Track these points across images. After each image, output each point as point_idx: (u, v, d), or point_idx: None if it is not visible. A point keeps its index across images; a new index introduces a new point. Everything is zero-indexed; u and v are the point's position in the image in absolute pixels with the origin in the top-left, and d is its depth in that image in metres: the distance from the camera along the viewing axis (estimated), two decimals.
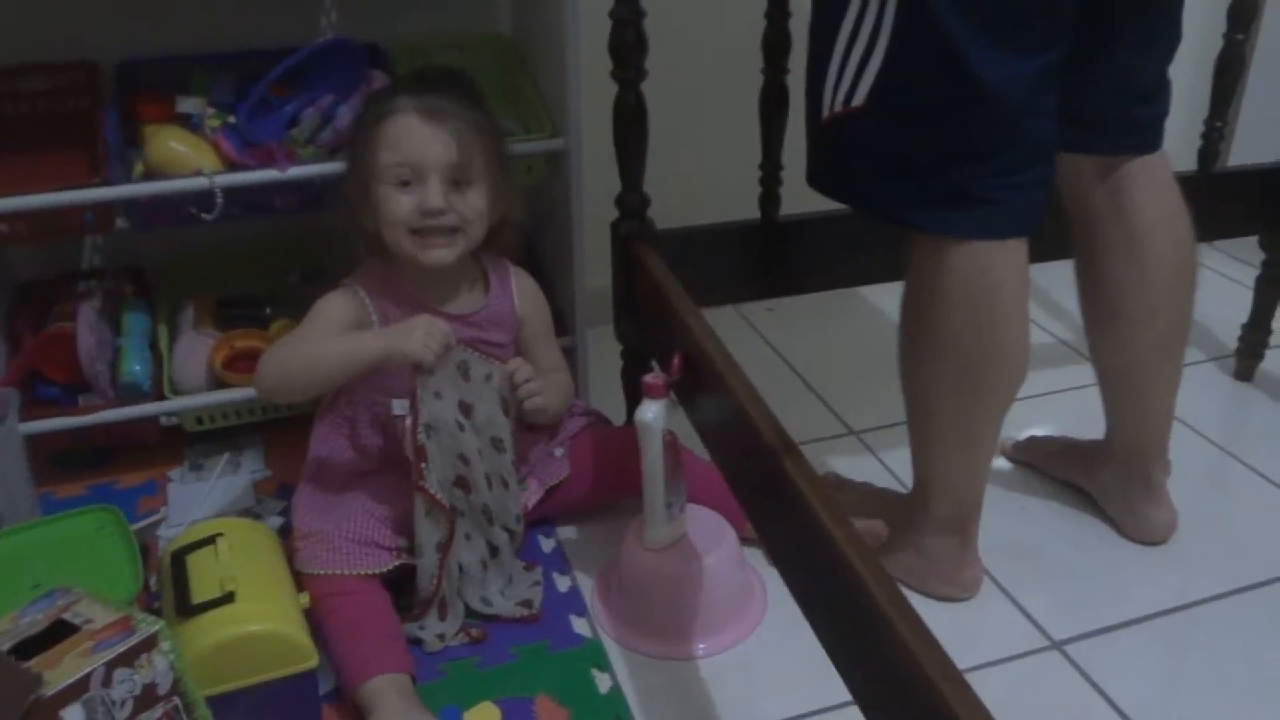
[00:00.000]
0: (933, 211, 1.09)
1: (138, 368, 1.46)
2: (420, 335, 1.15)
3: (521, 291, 1.35)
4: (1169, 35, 1.20)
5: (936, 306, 1.13)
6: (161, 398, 1.47)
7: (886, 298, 1.94)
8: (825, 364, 1.81)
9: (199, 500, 1.48)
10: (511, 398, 1.26)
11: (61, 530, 1.21)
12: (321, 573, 1.20)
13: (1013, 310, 1.13)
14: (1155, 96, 1.23)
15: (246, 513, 1.45)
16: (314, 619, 1.15)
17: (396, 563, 1.23)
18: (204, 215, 1.36)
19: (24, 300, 1.56)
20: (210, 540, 1.15)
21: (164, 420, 1.56)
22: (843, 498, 1.39)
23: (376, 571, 1.21)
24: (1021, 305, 1.14)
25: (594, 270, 1.49)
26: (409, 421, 1.16)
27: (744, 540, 1.31)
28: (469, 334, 1.27)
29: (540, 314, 1.37)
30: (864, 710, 0.85)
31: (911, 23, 1.01)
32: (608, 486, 1.37)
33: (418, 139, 1.18)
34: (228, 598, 1.06)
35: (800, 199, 1.46)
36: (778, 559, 1.03)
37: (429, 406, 1.18)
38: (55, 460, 1.54)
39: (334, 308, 1.26)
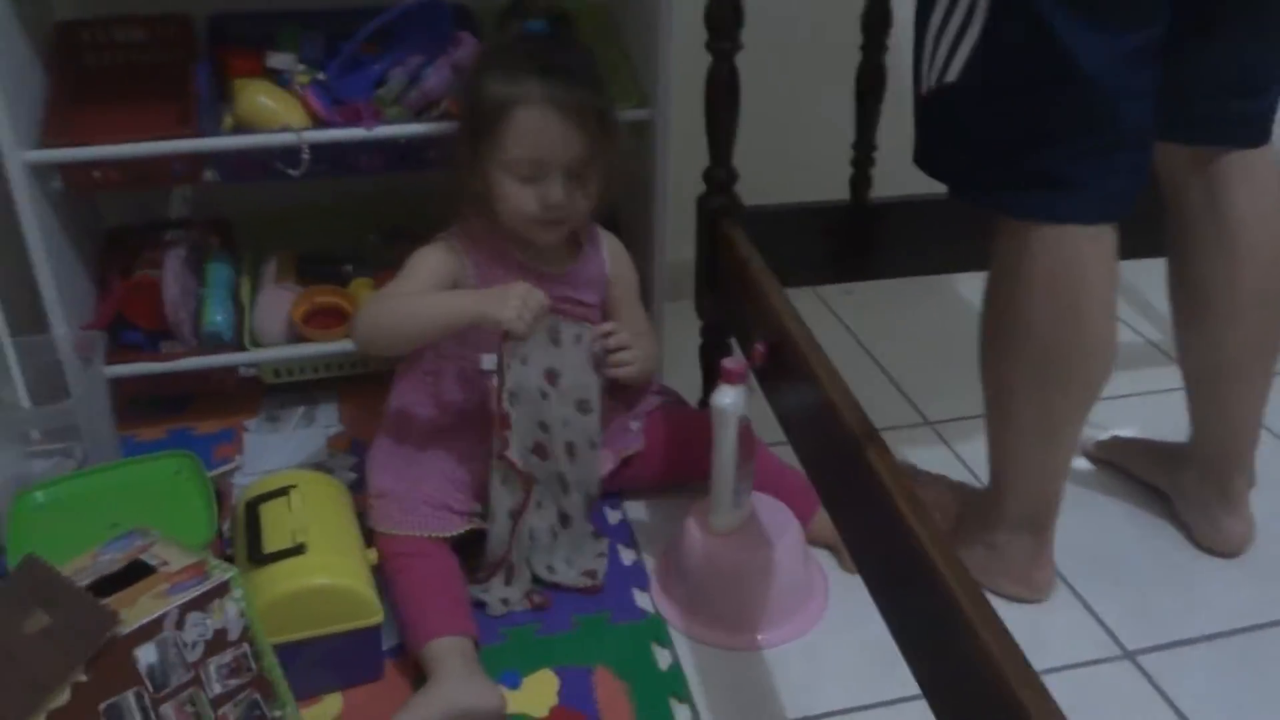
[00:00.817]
0: (1018, 193, 1.06)
1: (220, 318, 1.48)
2: (516, 304, 1.14)
3: (612, 254, 1.35)
4: None
5: (1018, 294, 1.09)
6: (241, 348, 1.49)
7: (968, 286, 1.90)
8: (903, 351, 1.78)
9: (273, 451, 1.50)
10: (602, 356, 1.26)
11: (141, 473, 1.23)
12: (393, 532, 1.20)
13: (1099, 302, 1.09)
14: (1262, 90, 1.17)
15: (319, 466, 1.46)
16: (383, 576, 1.16)
17: (468, 527, 1.24)
18: (290, 171, 1.37)
19: (113, 246, 1.58)
20: (284, 491, 1.17)
21: (243, 371, 1.58)
22: (918, 488, 1.36)
23: (448, 535, 1.22)
24: (1108, 297, 1.10)
25: (676, 244, 1.48)
26: (495, 384, 1.16)
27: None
28: (562, 291, 1.27)
29: (629, 276, 1.38)
30: (932, 706, 0.83)
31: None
32: (677, 467, 1.36)
33: (548, 138, 1.17)
34: (298, 549, 1.08)
35: (891, 182, 1.43)
36: (854, 549, 1.01)
37: (515, 372, 1.18)
38: (137, 404, 1.57)
39: (431, 262, 1.26)
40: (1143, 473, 1.45)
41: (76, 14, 1.50)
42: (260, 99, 1.37)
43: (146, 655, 0.84)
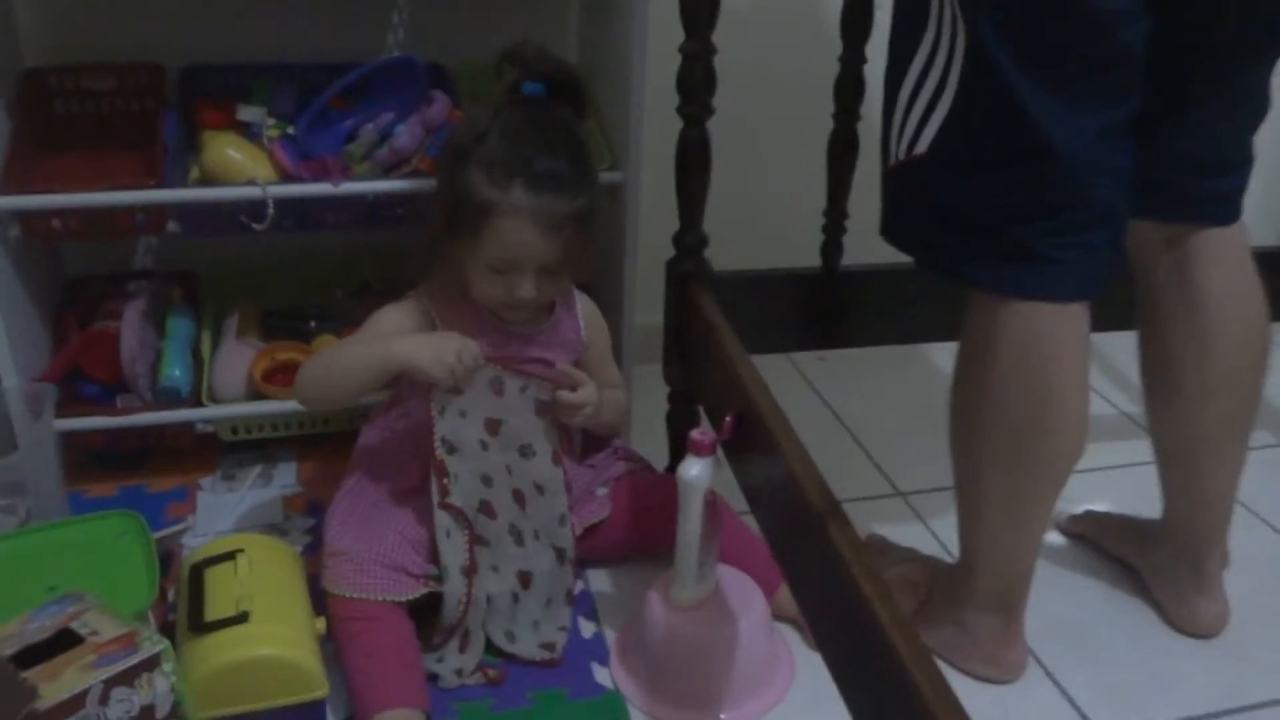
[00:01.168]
0: (990, 268, 1.05)
1: (178, 372, 1.45)
2: (449, 358, 1.12)
3: (587, 317, 1.33)
4: (1253, 104, 1.13)
5: (988, 371, 1.07)
6: (199, 404, 1.45)
7: (942, 356, 1.88)
8: (876, 420, 1.75)
9: (228, 511, 1.46)
10: (551, 404, 1.21)
11: (83, 533, 1.19)
12: (346, 594, 1.16)
13: (1069, 382, 1.07)
14: (1233, 168, 1.16)
15: (273, 528, 1.42)
16: (333, 641, 1.13)
17: (424, 590, 1.19)
18: (255, 225, 1.35)
19: (73, 297, 1.55)
20: (231, 555, 1.13)
21: (200, 427, 1.55)
22: (886, 563, 1.34)
23: (402, 599, 1.18)
24: (1080, 377, 1.09)
25: (645, 306, 1.46)
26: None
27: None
28: (534, 352, 1.25)
29: (603, 338, 1.36)
30: None
31: (976, 72, 0.98)
32: (644, 535, 1.33)
33: (526, 246, 1.15)
34: (241, 617, 1.04)
35: (863, 249, 1.42)
36: (815, 626, 0.98)
37: (449, 424, 1.17)
38: (90, 459, 1.53)
39: (393, 318, 1.24)
40: (1115, 549, 1.43)
41: (47, 60, 1.48)
42: (228, 151, 1.35)
43: None
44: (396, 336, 1.20)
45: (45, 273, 1.52)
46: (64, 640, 0.88)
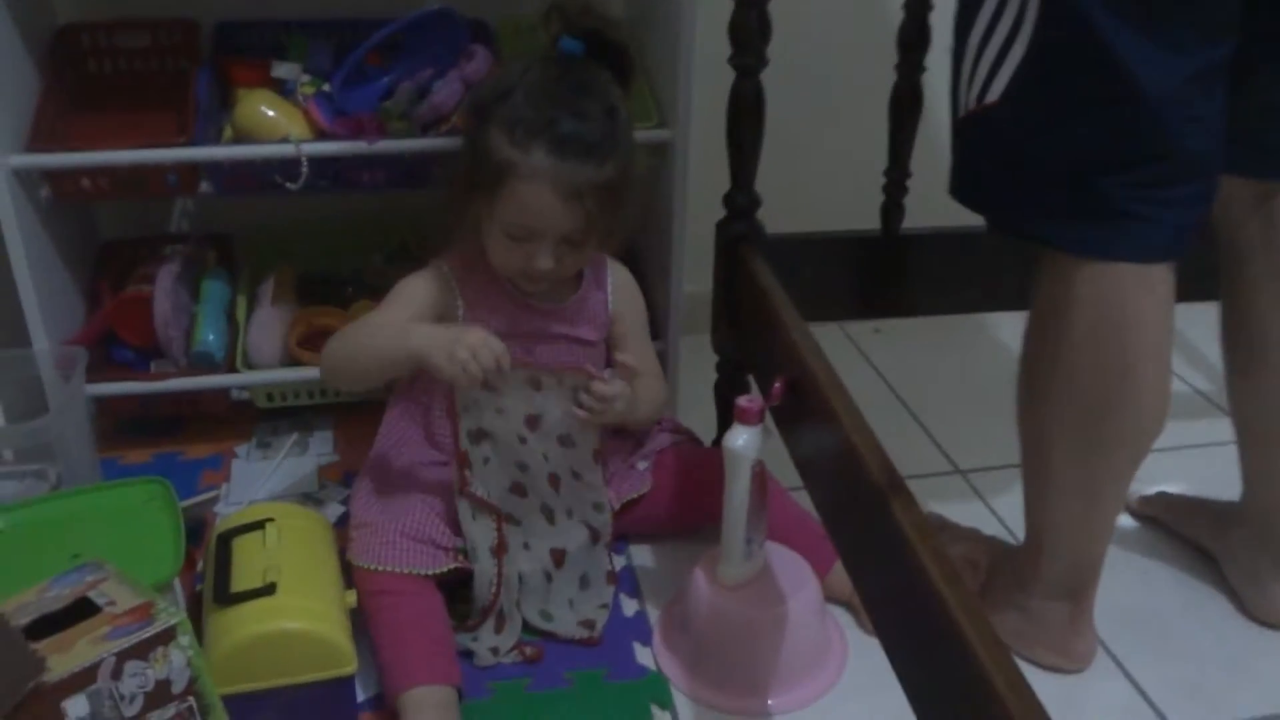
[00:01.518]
0: (1067, 225, 0.96)
1: (211, 337, 1.41)
2: (463, 354, 1.04)
3: (617, 286, 1.26)
4: None
5: (1061, 339, 0.99)
6: (234, 370, 1.41)
7: (1007, 326, 1.80)
8: (934, 395, 1.67)
9: (262, 479, 1.42)
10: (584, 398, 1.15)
11: (111, 499, 1.16)
12: (372, 568, 1.11)
13: (1150, 351, 0.99)
14: None
15: (308, 497, 1.39)
16: (360, 616, 1.08)
17: (452, 565, 1.14)
18: (289, 184, 1.30)
19: (108, 260, 1.52)
20: (260, 525, 1.09)
21: (235, 394, 1.51)
22: (945, 541, 1.26)
23: (431, 572, 1.13)
24: (1161, 347, 1.00)
25: (694, 275, 1.39)
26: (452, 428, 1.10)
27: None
28: (559, 328, 1.20)
29: (635, 310, 1.28)
30: None
31: (1054, 9, 0.89)
32: (689, 510, 1.26)
33: (545, 212, 1.08)
34: (269, 589, 1.00)
35: (926, 212, 1.34)
36: (872, 608, 0.91)
37: (484, 417, 1.11)
38: (125, 426, 1.50)
39: (416, 289, 1.18)
40: (1190, 532, 1.34)
41: (80, 17, 1.44)
42: (261, 109, 1.31)
43: (76, 708, 0.75)
44: (414, 327, 1.12)
45: (78, 235, 1.49)
46: (80, 610, 0.84)
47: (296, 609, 1.00)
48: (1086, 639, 1.16)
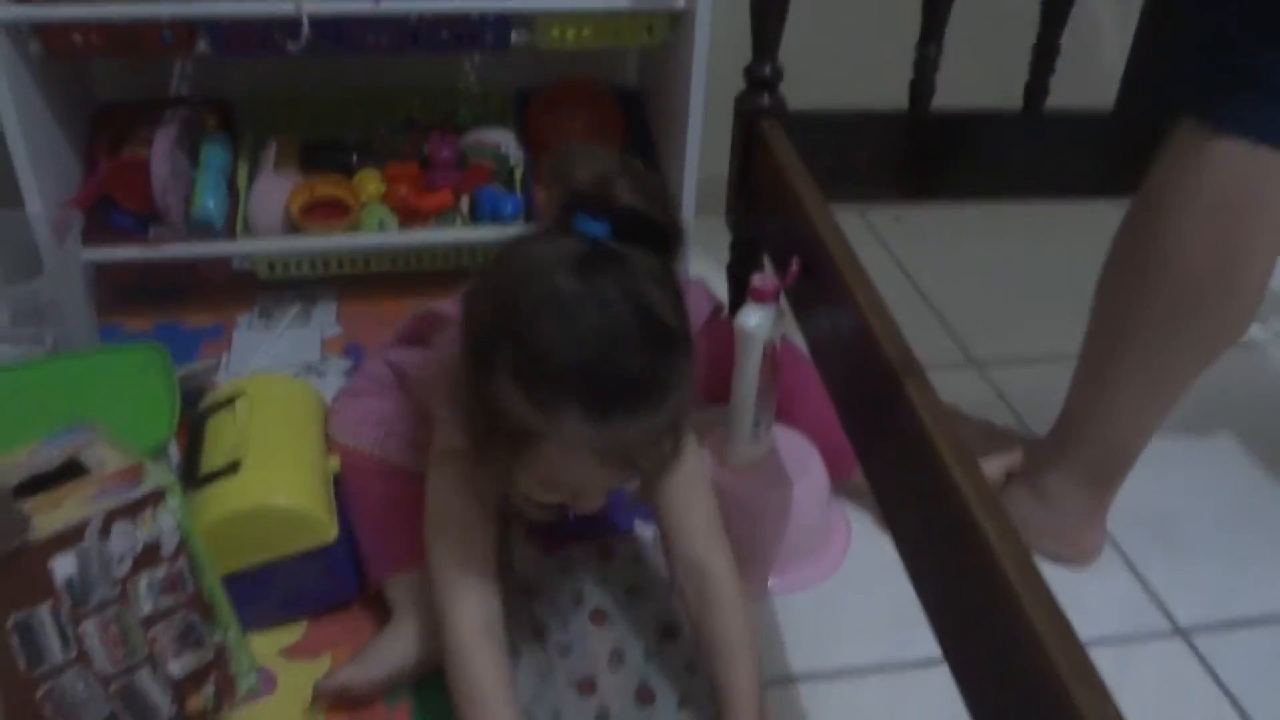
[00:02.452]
0: (1209, 91, 0.90)
1: (211, 204, 1.37)
2: None
3: None
4: None
5: (1171, 215, 0.93)
6: (233, 238, 1.38)
7: (1036, 220, 1.74)
8: (953, 285, 1.63)
9: (264, 349, 1.40)
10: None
11: (106, 364, 1.13)
12: (352, 444, 1.06)
13: (1265, 245, 0.93)
14: None
15: (311, 369, 1.36)
16: (342, 493, 1.03)
17: None
18: (290, 44, 1.25)
19: (104, 123, 1.47)
20: (230, 402, 1.05)
21: (237, 264, 1.48)
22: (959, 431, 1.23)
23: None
24: (1276, 240, 0.94)
25: (712, 158, 1.34)
26: None
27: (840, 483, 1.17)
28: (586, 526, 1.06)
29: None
30: (956, 674, 0.71)
31: None
32: (701, 387, 1.21)
33: (586, 474, 0.82)
34: (232, 468, 0.96)
35: (957, 90, 1.28)
36: (881, 492, 0.89)
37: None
38: (126, 293, 1.47)
39: (461, 499, 0.91)
40: None
41: None
42: None
43: (64, 566, 0.74)
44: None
45: (74, 96, 1.44)
46: (70, 471, 0.82)
47: (260, 484, 0.96)
48: (1097, 533, 1.14)
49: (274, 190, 1.39)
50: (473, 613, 0.88)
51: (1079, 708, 0.56)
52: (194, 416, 1.06)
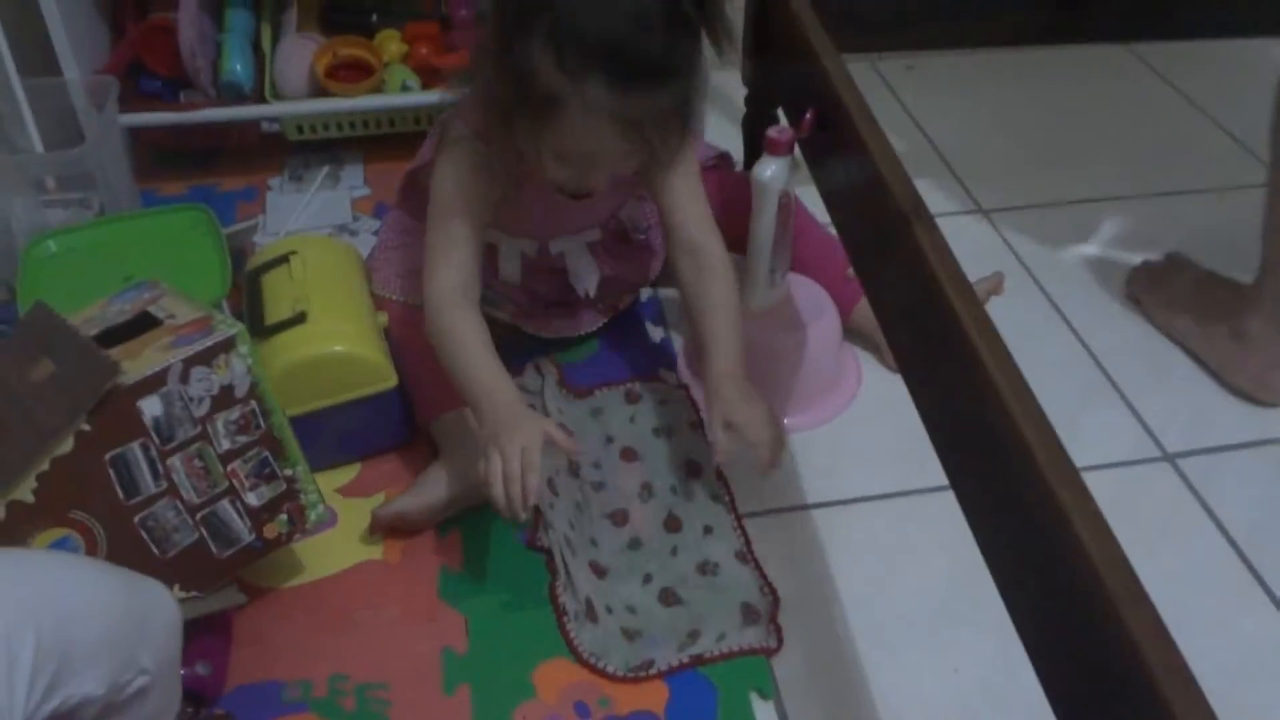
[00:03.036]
0: None
1: (239, 67, 1.40)
2: (514, 489, 0.91)
3: None
4: None
5: None
6: (262, 100, 1.42)
7: (1041, 66, 1.76)
8: (962, 134, 1.66)
9: (296, 210, 1.45)
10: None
11: (156, 225, 1.19)
12: (393, 298, 1.14)
13: None
14: None
15: (342, 229, 1.42)
16: (391, 343, 1.10)
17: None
18: None
19: None
20: (284, 259, 1.11)
21: (265, 126, 1.52)
22: (1176, 280, 1.31)
23: None
24: None
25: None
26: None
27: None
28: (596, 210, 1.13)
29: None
30: (959, 495, 0.79)
31: None
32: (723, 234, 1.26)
33: (602, 143, 0.91)
34: (299, 318, 1.03)
35: None
36: (892, 334, 0.96)
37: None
38: (160, 158, 1.52)
39: (463, 187, 1.01)
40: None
41: None
42: None
43: (151, 407, 0.82)
44: (486, 399, 0.96)
45: None
46: (142, 323, 0.89)
47: (328, 333, 1.03)
48: None
49: (298, 52, 1.42)
50: (451, 278, 1.00)
51: (1070, 520, 0.63)
52: (248, 274, 1.12)
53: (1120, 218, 1.49)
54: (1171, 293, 1.29)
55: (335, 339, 1.03)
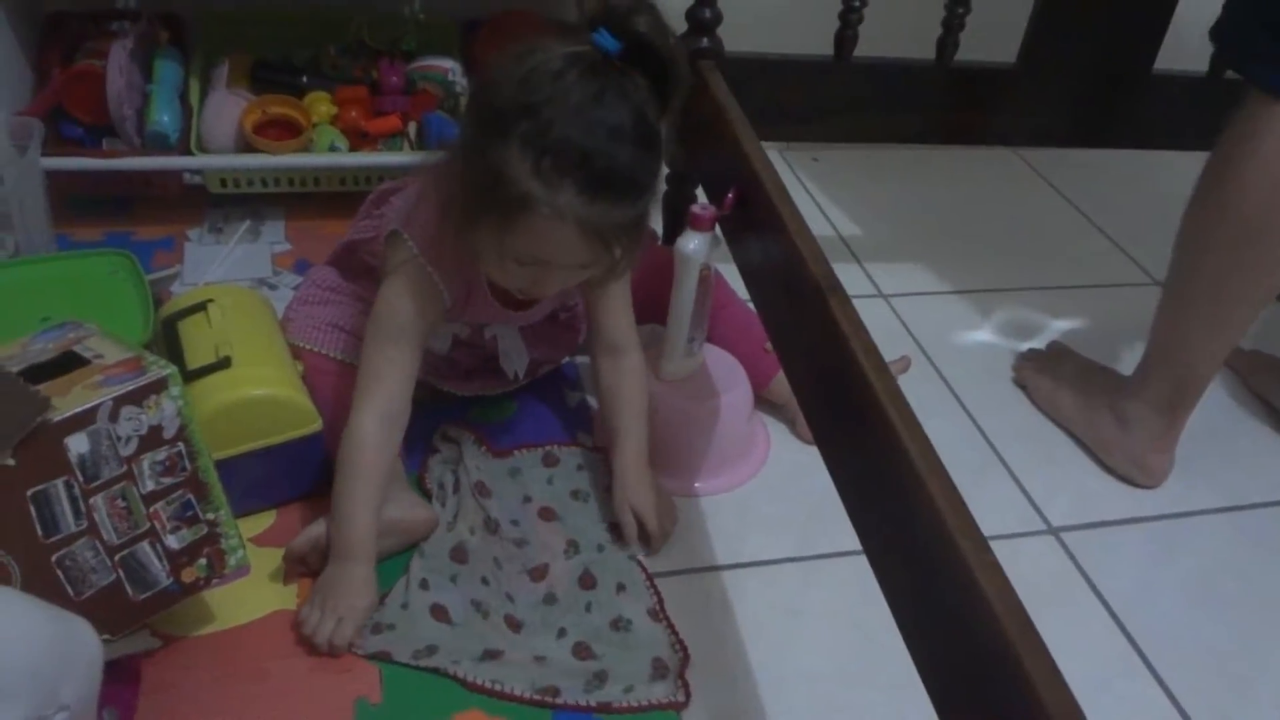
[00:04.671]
0: (1268, 68, 1.06)
1: (166, 118, 1.41)
2: (310, 630, 0.97)
3: None
4: None
5: (1242, 161, 1.09)
6: (187, 153, 1.42)
7: (944, 164, 1.88)
8: (863, 222, 1.76)
9: (216, 262, 1.45)
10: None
11: (75, 268, 1.19)
12: (309, 348, 1.15)
13: None
14: None
15: (262, 282, 1.42)
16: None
17: None
18: None
19: (55, 32, 1.50)
20: (201, 307, 1.11)
21: (188, 178, 1.52)
22: (1060, 367, 1.40)
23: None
24: None
25: None
26: None
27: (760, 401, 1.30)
28: (530, 315, 1.17)
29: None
30: (870, 555, 0.84)
31: None
32: (637, 307, 1.32)
33: (565, 249, 0.94)
34: (223, 363, 1.04)
35: (881, 41, 1.38)
36: (806, 403, 1.01)
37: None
38: (76, 203, 1.50)
39: (405, 308, 1.04)
40: (1261, 389, 1.45)
41: None
42: None
43: (78, 445, 0.81)
44: (355, 538, 1.00)
45: (21, 5, 1.45)
46: (68, 361, 0.88)
47: (256, 377, 1.04)
48: (1165, 459, 1.29)
49: (227, 107, 1.44)
50: (383, 408, 1.02)
51: (974, 574, 0.68)
52: (163, 321, 1.12)
53: (1008, 307, 1.59)
54: (1055, 379, 1.38)
55: (263, 382, 1.04)
